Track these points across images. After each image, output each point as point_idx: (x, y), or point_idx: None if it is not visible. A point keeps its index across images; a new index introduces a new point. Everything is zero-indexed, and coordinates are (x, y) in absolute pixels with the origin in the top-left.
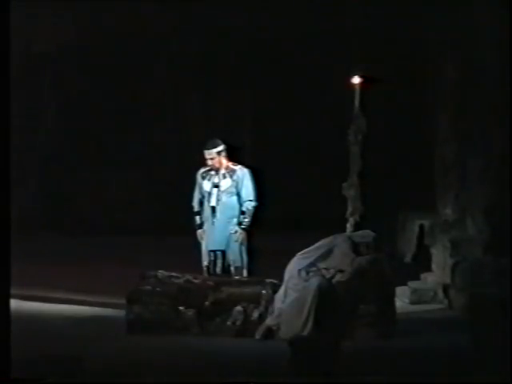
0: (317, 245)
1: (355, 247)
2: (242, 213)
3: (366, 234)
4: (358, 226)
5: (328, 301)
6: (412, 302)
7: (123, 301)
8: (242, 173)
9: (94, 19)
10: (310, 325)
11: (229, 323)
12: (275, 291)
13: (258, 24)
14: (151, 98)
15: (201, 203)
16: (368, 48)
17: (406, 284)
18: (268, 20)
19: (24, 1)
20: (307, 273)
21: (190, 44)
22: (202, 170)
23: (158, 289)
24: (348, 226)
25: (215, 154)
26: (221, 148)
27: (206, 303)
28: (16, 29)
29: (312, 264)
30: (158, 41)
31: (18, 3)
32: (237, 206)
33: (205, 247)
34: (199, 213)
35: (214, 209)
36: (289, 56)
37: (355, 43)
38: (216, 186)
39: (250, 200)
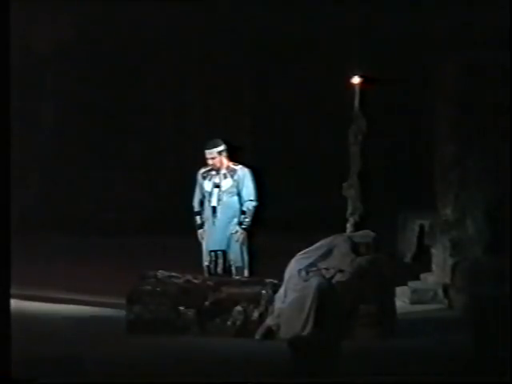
0: (317, 245)
1: (355, 247)
2: (243, 213)
3: (366, 234)
4: (357, 226)
5: (328, 301)
6: (412, 302)
7: (123, 301)
8: (243, 173)
9: (93, 19)
10: (310, 325)
11: (229, 323)
12: (275, 291)
13: (258, 24)
14: (151, 98)
15: (201, 203)
16: (368, 48)
17: (406, 284)
18: (268, 20)
19: (24, 1)
20: (307, 273)
21: (190, 44)
22: (203, 169)
23: (157, 289)
24: (348, 225)
25: (216, 154)
26: (222, 148)
27: (206, 303)
28: (16, 29)
29: (312, 264)
30: (158, 41)
31: (17, 3)
32: (237, 205)
33: (205, 247)
34: (200, 213)
35: (214, 209)
36: (289, 56)
37: (355, 43)
38: (217, 185)
39: (251, 200)
